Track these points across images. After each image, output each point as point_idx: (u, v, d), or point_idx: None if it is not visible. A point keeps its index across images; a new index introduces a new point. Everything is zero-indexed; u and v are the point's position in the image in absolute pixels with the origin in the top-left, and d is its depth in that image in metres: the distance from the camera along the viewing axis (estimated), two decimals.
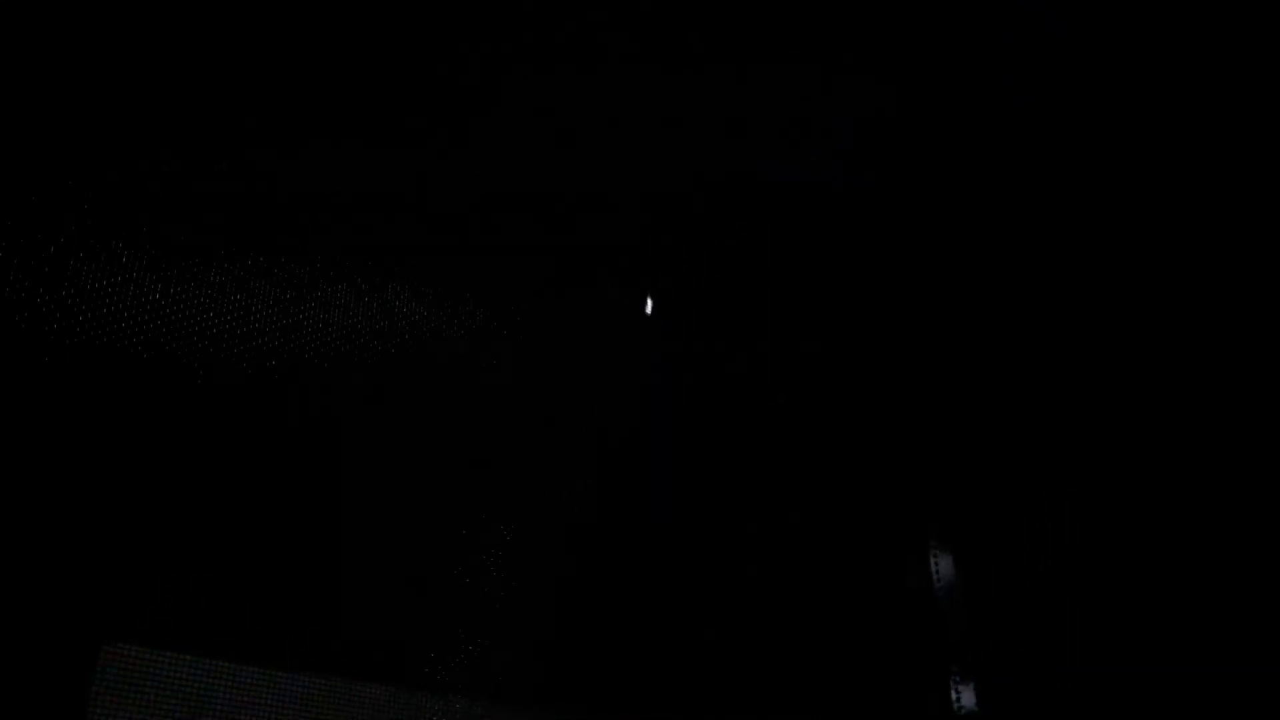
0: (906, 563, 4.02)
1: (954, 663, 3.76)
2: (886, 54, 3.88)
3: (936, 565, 3.88)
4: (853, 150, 4.26)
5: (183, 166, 3.05)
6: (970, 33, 3.75)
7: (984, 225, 4.38)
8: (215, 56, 3.22)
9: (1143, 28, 3.61)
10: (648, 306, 4.38)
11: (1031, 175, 4.18)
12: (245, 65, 3.29)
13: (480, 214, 3.93)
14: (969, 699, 3.66)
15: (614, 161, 4.31)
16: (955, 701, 3.69)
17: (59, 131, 2.75)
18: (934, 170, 4.28)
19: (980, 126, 4.06)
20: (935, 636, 3.86)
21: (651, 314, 4.39)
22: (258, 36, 3.35)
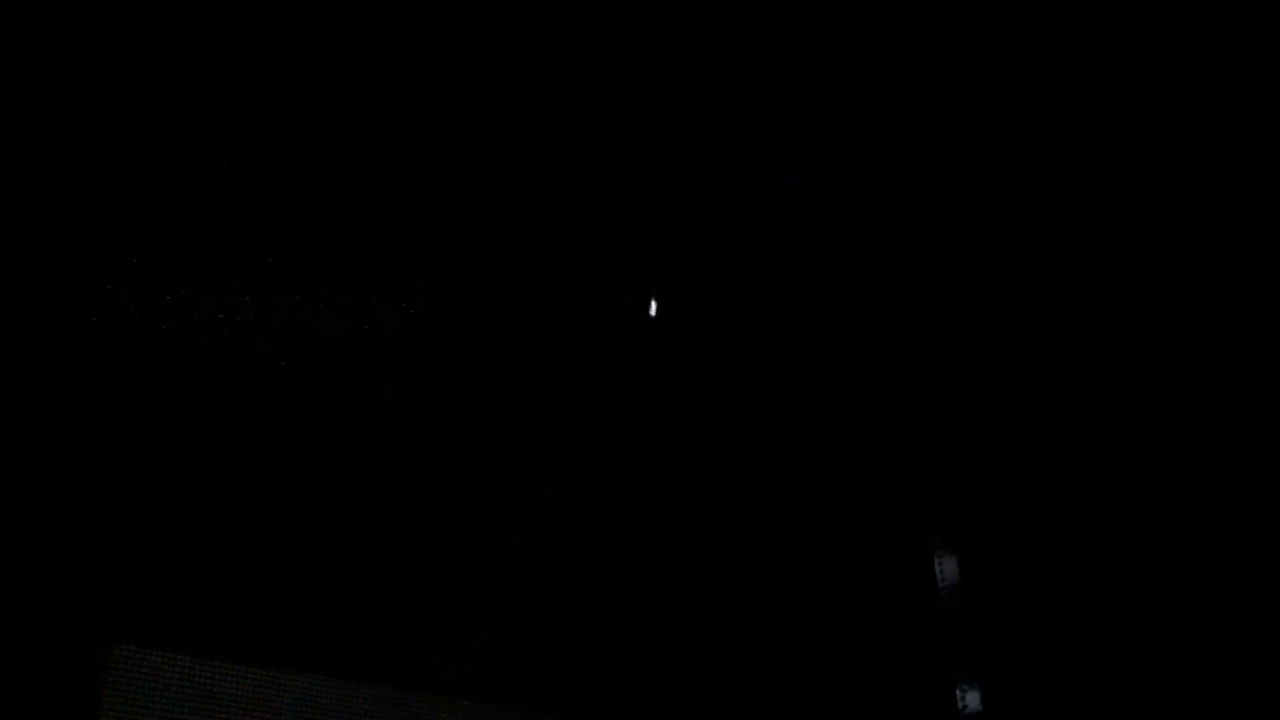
0: (910, 563, 4.02)
1: (958, 663, 3.76)
2: (886, 54, 3.88)
3: (940, 566, 3.88)
4: (853, 150, 4.26)
5: (183, 166, 3.05)
6: (970, 33, 3.75)
7: (984, 225, 4.38)
8: (215, 56, 3.22)
9: (1142, 28, 3.61)
10: (651, 308, 4.39)
11: (1031, 175, 4.17)
12: (245, 65, 3.29)
13: (480, 214, 3.93)
14: (973, 700, 3.66)
15: (614, 161, 4.31)
16: (959, 702, 3.69)
17: (59, 131, 2.75)
18: (934, 170, 4.28)
19: (980, 126, 4.06)
20: (939, 637, 3.86)
21: (655, 315, 4.39)
22: (258, 37, 3.35)
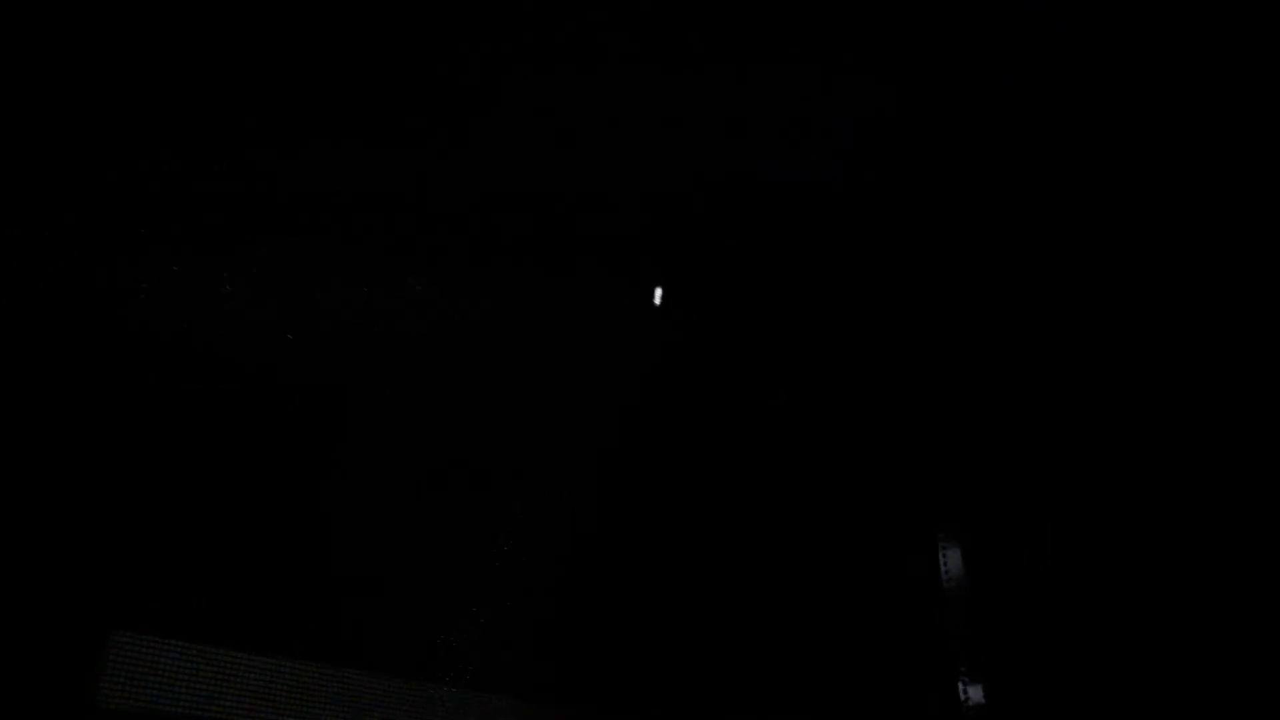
0: (913, 558, 4.01)
1: (962, 659, 3.75)
2: (886, 54, 3.88)
3: (945, 562, 3.88)
4: (853, 150, 4.26)
5: (183, 166, 3.05)
6: (970, 33, 3.75)
7: (984, 225, 4.38)
8: (215, 57, 3.22)
9: (1142, 28, 3.61)
10: (657, 297, 4.37)
11: (1031, 175, 4.18)
12: (245, 65, 3.29)
13: (480, 213, 3.93)
14: (977, 695, 3.65)
15: (614, 161, 4.30)
16: (963, 698, 3.69)
17: (59, 131, 2.74)
18: (934, 170, 4.27)
19: (980, 126, 4.06)
20: (943, 633, 3.85)
21: (659, 305, 4.38)
22: (258, 37, 3.35)
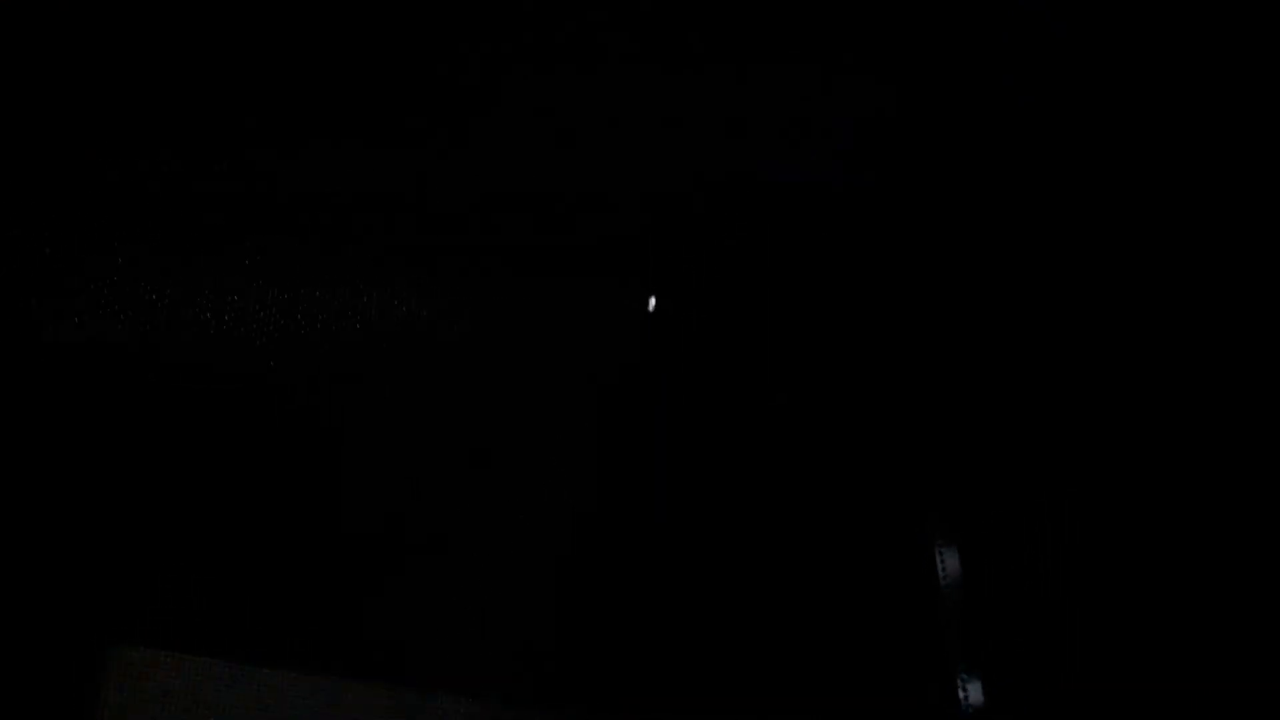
0: (911, 557, 4.02)
1: (961, 659, 3.75)
2: (886, 54, 3.88)
3: (943, 562, 3.88)
4: (853, 150, 4.26)
5: (183, 166, 3.05)
6: (970, 33, 3.76)
7: (984, 225, 4.38)
8: (215, 56, 3.22)
9: (1142, 28, 3.61)
10: (650, 304, 4.38)
11: (1031, 175, 4.18)
12: (245, 65, 3.29)
13: (480, 214, 3.93)
14: (976, 695, 3.65)
15: (614, 161, 4.31)
16: (962, 697, 3.69)
17: (59, 131, 2.74)
18: (934, 170, 4.28)
19: (980, 126, 4.07)
20: (941, 633, 3.86)
21: (654, 312, 4.39)
22: (257, 36, 3.35)
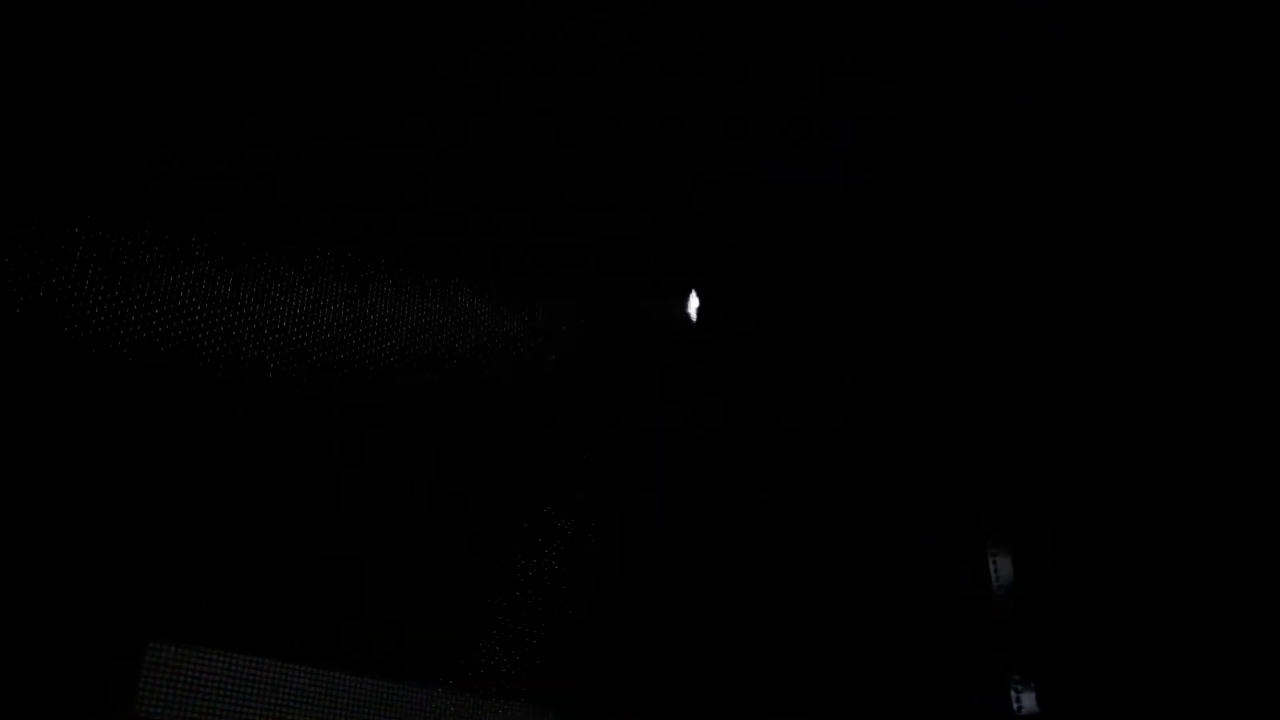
0: (964, 567, 4.00)
1: (1014, 666, 3.73)
2: (886, 54, 3.88)
3: (995, 568, 3.86)
4: (853, 150, 4.26)
5: (183, 166, 3.04)
6: (970, 33, 3.76)
7: (984, 225, 4.38)
8: (215, 56, 3.22)
9: (1142, 28, 3.61)
10: (691, 305, 4.35)
11: (1031, 175, 4.18)
12: (245, 65, 3.28)
13: (480, 214, 3.93)
14: (1030, 703, 3.63)
15: (614, 161, 4.30)
16: (1016, 706, 3.67)
17: (59, 131, 2.74)
18: (934, 170, 4.28)
19: (980, 126, 4.07)
20: (994, 640, 3.84)
21: (697, 313, 4.37)
22: (257, 36, 3.34)
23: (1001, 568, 3.84)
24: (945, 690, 3.85)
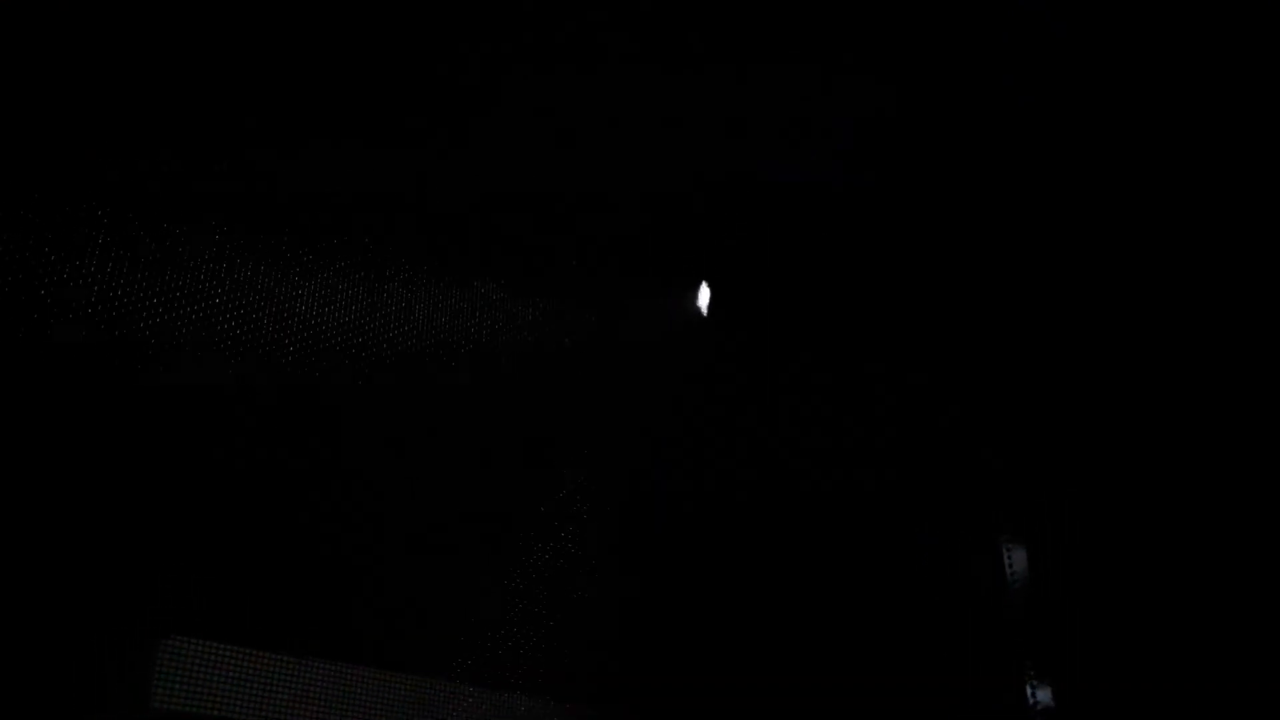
0: (978, 560, 3.99)
1: (1029, 661, 3.73)
2: (886, 54, 3.88)
3: (1010, 562, 3.86)
4: (853, 150, 4.26)
5: (183, 166, 3.04)
6: (970, 33, 3.76)
7: (985, 225, 4.38)
8: (215, 56, 3.22)
9: (1142, 28, 3.61)
10: (702, 297, 4.34)
11: (1031, 175, 4.18)
12: (245, 65, 3.29)
13: (480, 214, 3.93)
14: (1045, 698, 3.63)
15: (614, 161, 4.30)
16: (1031, 701, 3.66)
17: (59, 131, 2.74)
18: (934, 170, 4.28)
19: (980, 126, 4.07)
20: (1009, 635, 3.83)
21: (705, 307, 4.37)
22: (257, 36, 3.34)
23: (1017, 561, 3.84)
24: (961, 686, 3.85)
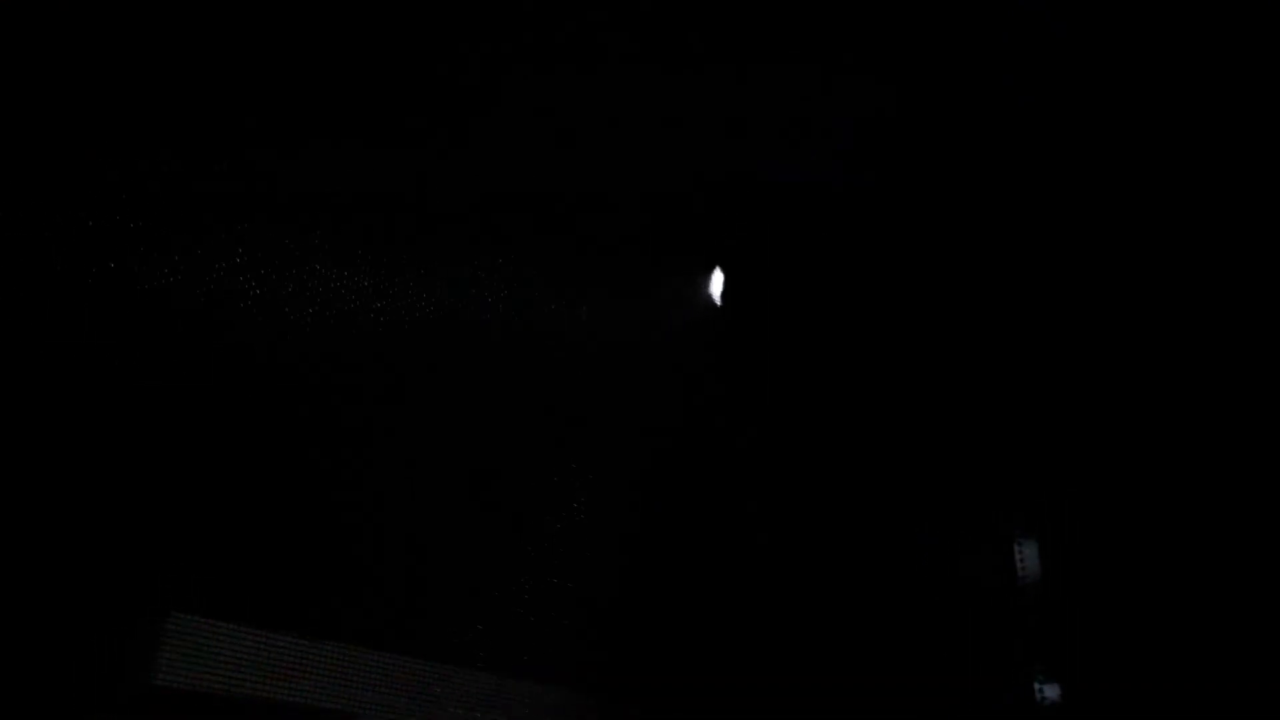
0: (988, 555, 3.98)
1: (1038, 657, 3.72)
2: (886, 54, 3.88)
3: (1021, 557, 3.85)
4: (853, 150, 4.26)
5: (183, 166, 3.04)
6: (970, 33, 3.76)
7: (984, 224, 4.38)
8: (215, 56, 3.22)
9: (1142, 28, 3.61)
10: (715, 284, 4.33)
11: (1031, 175, 4.18)
12: (245, 65, 3.28)
13: (480, 214, 3.93)
14: (1053, 694, 3.62)
15: (614, 161, 4.30)
16: (1039, 698, 3.66)
17: (59, 131, 2.74)
18: (934, 170, 4.28)
19: (980, 126, 4.07)
20: (1018, 631, 3.82)
21: (721, 297, 4.36)
22: (257, 36, 3.34)
23: (1028, 557, 3.83)
24: (967, 682, 3.85)
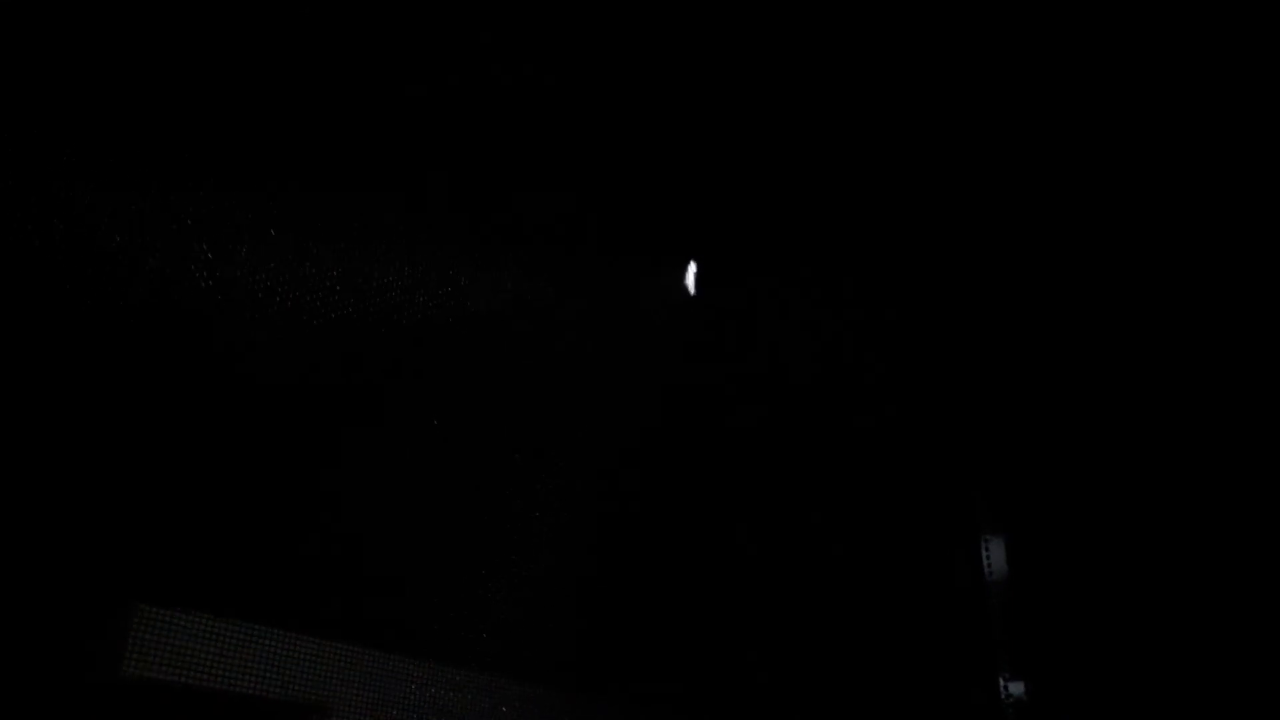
0: (955, 553, 3.99)
1: (1004, 655, 3.73)
2: (886, 53, 3.89)
3: (988, 555, 3.86)
4: (852, 149, 4.27)
5: (183, 165, 3.05)
6: (970, 32, 3.76)
7: (985, 224, 4.39)
8: (214, 56, 3.22)
9: (1142, 28, 3.62)
10: (689, 275, 4.33)
11: (1030, 174, 4.19)
12: (244, 66, 3.29)
13: (481, 213, 3.93)
14: (1018, 691, 3.63)
15: (613, 161, 4.31)
16: (1004, 695, 3.67)
17: (59, 131, 2.74)
18: (933, 170, 4.29)
19: (980, 126, 4.08)
20: (984, 628, 3.83)
21: (694, 287, 4.36)
22: (257, 36, 3.35)
23: (995, 555, 3.84)
24: (931, 680, 3.86)
